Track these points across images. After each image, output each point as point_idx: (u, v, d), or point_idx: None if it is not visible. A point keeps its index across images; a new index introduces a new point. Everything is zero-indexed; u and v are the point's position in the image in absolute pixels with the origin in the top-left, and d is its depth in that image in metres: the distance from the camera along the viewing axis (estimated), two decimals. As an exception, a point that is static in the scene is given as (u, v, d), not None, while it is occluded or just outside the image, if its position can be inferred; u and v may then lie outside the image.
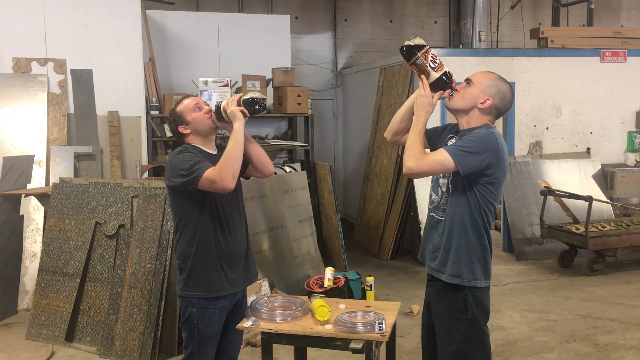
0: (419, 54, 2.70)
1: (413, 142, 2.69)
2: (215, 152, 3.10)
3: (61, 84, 6.30)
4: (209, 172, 2.82)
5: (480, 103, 2.75)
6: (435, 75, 2.72)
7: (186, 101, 3.10)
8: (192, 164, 2.86)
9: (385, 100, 8.32)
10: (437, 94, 2.75)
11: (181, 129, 3.06)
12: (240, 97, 2.97)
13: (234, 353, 3.26)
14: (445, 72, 2.74)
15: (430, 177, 2.95)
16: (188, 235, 3.00)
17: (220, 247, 3.01)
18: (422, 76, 2.73)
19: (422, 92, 2.74)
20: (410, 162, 2.64)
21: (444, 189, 2.82)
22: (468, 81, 2.80)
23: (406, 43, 2.71)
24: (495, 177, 2.71)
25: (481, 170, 2.67)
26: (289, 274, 5.74)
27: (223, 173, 2.80)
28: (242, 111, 2.94)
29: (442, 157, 2.63)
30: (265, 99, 3.01)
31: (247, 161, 3.14)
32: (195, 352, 3.03)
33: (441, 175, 2.82)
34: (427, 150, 2.79)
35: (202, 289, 3.00)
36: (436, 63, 2.71)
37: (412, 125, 2.76)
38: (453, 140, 2.85)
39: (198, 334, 3.01)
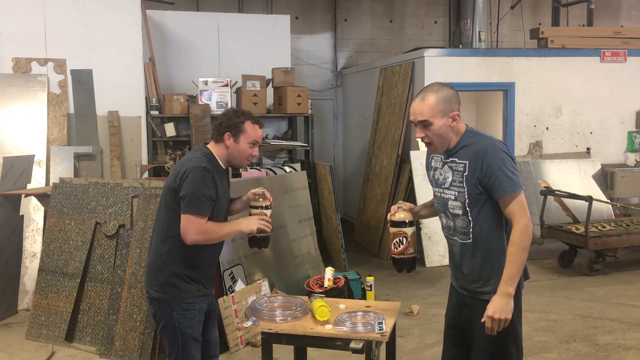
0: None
1: (522, 259, 2.60)
2: (225, 168, 3.10)
3: (61, 84, 6.30)
4: (199, 222, 2.86)
5: (452, 122, 2.67)
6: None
7: (258, 130, 3.04)
8: (201, 195, 2.85)
9: (385, 100, 8.32)
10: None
11: (226, 138, 3.00)
12: (264, 231, 3.07)
13: (215, 352, 3.27)
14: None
15: (434, 199, 2.88)
16: (179, 245, 2.94)
17: (203, 260, 3.03)
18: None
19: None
20: (525, 227, 2.58)
21: (459, 212, 2.71)
22: (424, 123, 2.67)
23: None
24: None
25: None
26: (289, 274, 5.74)
27: (199, 236, 2.87)
28: (252, 235, 3.07)
29: (521, 198, 2.59)
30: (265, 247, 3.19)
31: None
32: (182, 357, 3.00)
33: (452, 197, 2.72)
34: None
35: (181, 294, 2.98)
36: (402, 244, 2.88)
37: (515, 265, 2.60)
38: (437, 160, 2.79)
39: (181, 337, 2.97)
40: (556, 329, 5.10)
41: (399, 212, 2.87)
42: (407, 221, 2.86)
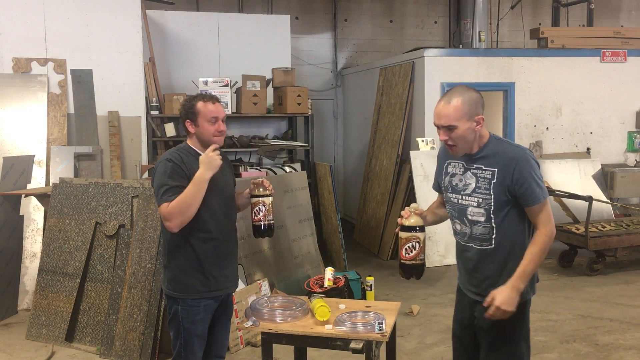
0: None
1: (543, 253, 2.62)
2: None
3: (61, 84, 6.30)
4: (163, 208, 2.85)
5: (477, 126, 2.65)
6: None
7: (210, 106, 2.99)
8: (163, 185, 2.88)
9: (385, 100, 8.32)
10: None
11: (187, 125, 3.03)
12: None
13: (221, 351, 3.28)
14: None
15: (447, 205, 2.86)
16: (174, 237, 2.98)
17: (205, 252, 3.02)
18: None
19: None
20: (550, 233, 2.62)
21: (480, 219, 2.70)
22: (449, 128, 2.64)
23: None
24: None
25: None
26: (289, 274, 5.74)
27: (173, 218, 2.85)
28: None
29: (548, 205, 2.62)
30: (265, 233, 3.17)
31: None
32: (183, 351, 3.05)
33: (474, 204, 2.70)
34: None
35: (187, 290, 3.02)
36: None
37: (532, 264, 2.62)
38: (457, 166, 2.77)
39: (184, 331, 3.03)
40: (556, 329, 5.10)
41: (412, 217, 2.76)
42: (419, 226, 2.76)
